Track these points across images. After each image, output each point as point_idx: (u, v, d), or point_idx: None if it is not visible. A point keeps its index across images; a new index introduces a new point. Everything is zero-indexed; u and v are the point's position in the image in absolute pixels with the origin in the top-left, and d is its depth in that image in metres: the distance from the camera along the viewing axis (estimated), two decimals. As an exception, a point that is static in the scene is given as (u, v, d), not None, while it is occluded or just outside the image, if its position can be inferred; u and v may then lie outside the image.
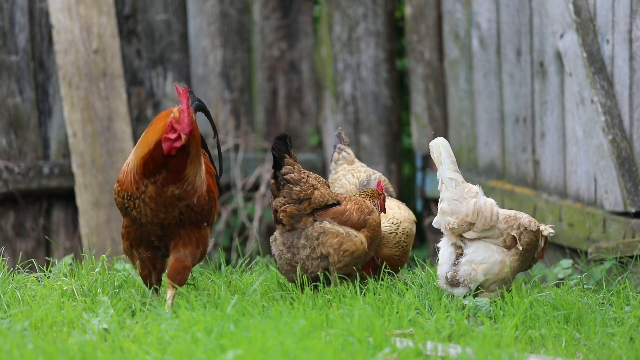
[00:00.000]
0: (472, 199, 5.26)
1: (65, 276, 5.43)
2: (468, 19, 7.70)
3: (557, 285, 6.16)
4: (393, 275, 5.57)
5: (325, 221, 5.24)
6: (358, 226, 5.30)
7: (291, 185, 5.18)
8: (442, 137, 5.33)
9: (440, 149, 5.29)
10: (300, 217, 5.21)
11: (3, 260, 5.50)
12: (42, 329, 4.73)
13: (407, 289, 5.26)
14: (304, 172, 5.23)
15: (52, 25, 7.59)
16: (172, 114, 4.88)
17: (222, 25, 8.14)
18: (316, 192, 5.22)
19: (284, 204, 5.19)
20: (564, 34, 6.68)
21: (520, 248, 5.25)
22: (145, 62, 7.97)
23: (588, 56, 6.51)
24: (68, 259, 6.11)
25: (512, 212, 5.32)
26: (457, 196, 5.28)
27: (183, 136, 4.83)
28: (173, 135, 4.86)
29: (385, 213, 5.65)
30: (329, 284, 5.27)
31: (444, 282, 5.30)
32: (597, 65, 6.50)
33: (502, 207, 5.39)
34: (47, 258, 7.48)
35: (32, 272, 5.56)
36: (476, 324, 4.96)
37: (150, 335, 4.50)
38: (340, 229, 5.24)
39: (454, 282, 5.27)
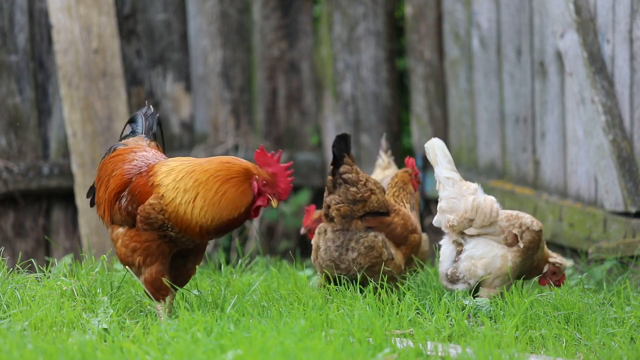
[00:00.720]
0: (471, 195, 5.27)
1: (65, 276, 5.42)
2: (468, 18, 7.69)
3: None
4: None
5: (377, 233, 5.25)
6: (398, 241, 5.31)
7: (348, 186, 5.21)
8: (437, 138, 5.34)
9: (435, 149, 5.31)
10: (352, 218, 5.23)
11: (3, 260, 5.49)
12: (42, 329, 4.72)
13: (407, 289, 5.26)
14: (362, 175, 5.24)
15: (52, 25, 7.58)
16: (256, 176, 4.79)
17: (222, 25, 8.13)
18: (373, 196, 5.24)
19: (339, 203, 5.21)
20: (564, 34, 6.67)
21: (522, 245, 5.26)
22: (145, 61, 7.96)
23: (588, 56, 6.51)
24: (68, 259, 6.10)
25: (514, 212, 5.33)
26: (455, 194, 5.28)
27: (274, 202, 4.80)
28: (266, 202, 4.83)
29: (416, 192, 5.65)
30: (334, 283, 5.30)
31: (444, 280, 5.31)
32: (598, 65, 6.50)
33: (502, 207, 5.39)
34: (46, 258, 7.47)
35: (31, 272, 5.55)
36: (476, 324, 4.95)
37: (150, 335, 4.49)
38: (386, 250, 5.25)
39: (453, 279, 5.28)
